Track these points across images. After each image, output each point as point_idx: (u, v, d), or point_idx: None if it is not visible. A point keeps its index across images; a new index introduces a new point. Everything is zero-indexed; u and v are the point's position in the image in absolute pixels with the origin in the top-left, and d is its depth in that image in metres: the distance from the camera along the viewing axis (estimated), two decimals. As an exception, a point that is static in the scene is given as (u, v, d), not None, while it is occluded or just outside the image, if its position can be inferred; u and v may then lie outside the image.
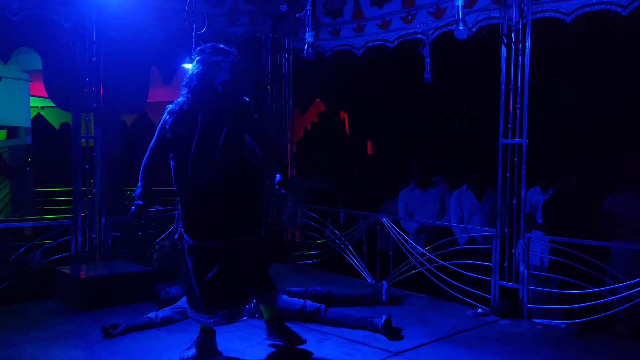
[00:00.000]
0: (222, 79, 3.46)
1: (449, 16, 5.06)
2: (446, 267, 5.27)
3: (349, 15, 6.05)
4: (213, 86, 3.46)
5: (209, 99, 3.46)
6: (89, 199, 5.30)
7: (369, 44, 5.92)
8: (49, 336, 4.07)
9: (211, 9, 6.02)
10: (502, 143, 4.74)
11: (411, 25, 5.51)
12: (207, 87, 3.45)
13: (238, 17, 6.26)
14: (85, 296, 4.71)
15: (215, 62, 3.46)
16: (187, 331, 4.20)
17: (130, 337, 4.04)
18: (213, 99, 3.47)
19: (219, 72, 3.46)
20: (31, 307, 4.83)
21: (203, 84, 3.45)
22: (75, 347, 3.85)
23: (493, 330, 4.32)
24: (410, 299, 5.22)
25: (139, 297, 4.99)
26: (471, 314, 4.68)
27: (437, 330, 4.28)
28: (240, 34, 6.29)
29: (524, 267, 4.61)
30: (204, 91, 3.46)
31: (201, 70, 3.46)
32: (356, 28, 6.02)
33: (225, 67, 3.47)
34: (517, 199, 4.76)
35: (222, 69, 3.47)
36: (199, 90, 3.46)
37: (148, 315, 4.32)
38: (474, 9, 4.93)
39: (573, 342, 4.03)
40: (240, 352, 3.80)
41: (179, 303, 4.56)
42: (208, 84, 3.45)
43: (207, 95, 3.46)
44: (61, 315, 4.61)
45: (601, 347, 3.92)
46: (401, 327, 4.33)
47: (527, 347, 3.94)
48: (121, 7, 5.39)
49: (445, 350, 3.88)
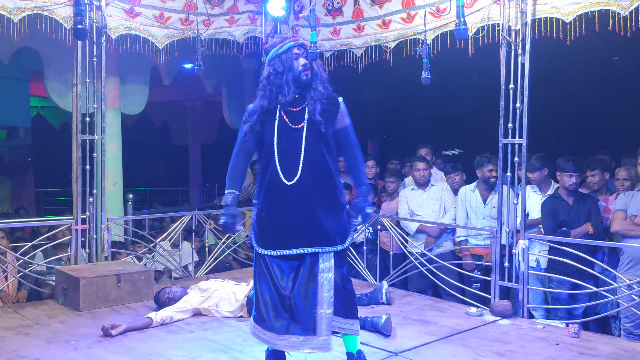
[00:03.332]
0: (304, 66, 3.15)
1: (448, 16, 5.07)
2: (446, 267, 5.27)
3: (349, 15, 6.05)
4: (296, 75, 3.14)
5: (290, 92, 3.14)
6: (88, 199, 5.29)
7: (368, 44, 5.93)
8: (49, 336, 4.07)
9: (211, 9, 6.02)
10: (502, 143, 4.74)
11: (411, 25, 5.51)
12: (288, 78, 3.14)
13: (238, 17, 6.26)
14: (85, 296, 4.71)
15: (290, 49, 3.17)
16: (187, 331, 4.21)
17: (130, 337, 4.04)
18: (295, 90, 3.15)
19: (297, 59, 3.16)
20: (31, 307, 4.84)
21: (283, 75, 3.14)
22: (75, 347, 3.85)
23: (493, 330, 4.32)
24: (410, 299, 5.23)
25: (139, 297, 5.00)
26: (471, 314, 4.67)
27: (437, 330, 4.28)
28: (240, 34, 6.29)
29: (524, 267, 4.61)
30: (287, 82, 3.14)
31: (278, 62, 3.17)
32: (356, 28, 6.02)
33: (303, 54, 3.18)
34: (518, 199, 4.76)
35: (300, 55, 3.17)
36: (279, 83, 3.16)
37: (148, 315, 4.32)
38: (474, 9, 4.94)
39: (573, 342, 4.03)
40: (240, 352, 3.80)
41: (179, 303, 4.56)
42: (291, 75, 3.14)
43: (288, 87, 3.14)
44: (61, 315, 4.61)
45: (601, 347, 3.92)
46: (401, 327, 4.33)
47: (527, 347, 3.93)
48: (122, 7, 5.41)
49: (445, 350, 3.88)
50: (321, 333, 3.05)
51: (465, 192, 5.64)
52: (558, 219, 4.91)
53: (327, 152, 3.17)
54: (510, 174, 4.73)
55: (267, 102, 3.19)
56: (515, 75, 4.63)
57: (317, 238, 3.11)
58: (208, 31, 5.98)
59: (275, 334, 3.08)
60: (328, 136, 3.18)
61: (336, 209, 3.18)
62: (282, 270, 3.14)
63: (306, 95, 3.17)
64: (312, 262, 3.11)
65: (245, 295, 4.53)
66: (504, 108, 4.72)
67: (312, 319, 3.06)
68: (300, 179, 3.08)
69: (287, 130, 3.15)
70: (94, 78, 5.27)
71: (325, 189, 3.14)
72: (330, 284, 3.10)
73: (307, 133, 3.13)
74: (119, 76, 7.29)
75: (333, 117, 3.20)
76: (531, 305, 4.74)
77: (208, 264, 6.27)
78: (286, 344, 3.08)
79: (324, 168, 3.15)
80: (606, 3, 4.21)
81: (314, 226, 3.10)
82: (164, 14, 5.71)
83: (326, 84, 3.24)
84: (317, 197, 3.10)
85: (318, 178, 3.12)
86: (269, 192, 3.17)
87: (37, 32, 4.93)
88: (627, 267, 4.58)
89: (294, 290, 3.09)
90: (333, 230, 3.13)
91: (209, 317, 4.55)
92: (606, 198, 5.15)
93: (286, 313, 3.07)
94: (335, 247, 3.13)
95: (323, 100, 3.17)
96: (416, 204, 5.82)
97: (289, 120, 3.16)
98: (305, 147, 3.12)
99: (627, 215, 4.60)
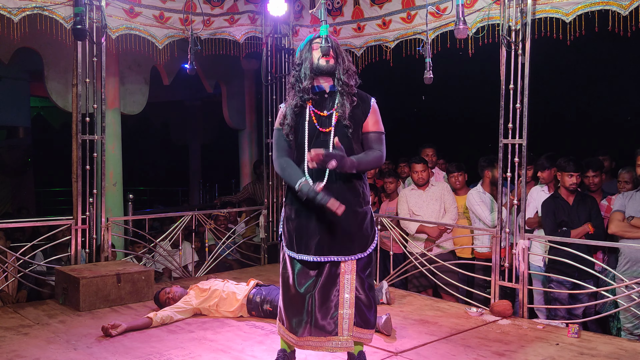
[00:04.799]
0: (321, 51, 3.06)
1: (449, 16, 5.07)
2: (446, 267, 5.27)
3: (349, 15, 6.06)
4: (313, 62, 3.09)
5: (307, 79, 3.10)
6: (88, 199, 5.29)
7: (369, 44, 5.93)
8: (49, 336, 4.07)
9: (211, 9, 6.02)
10: (502, 143, 4.74)
11: (411, 25, 5.52)
12: (306, 66, 3.10)
13: (238, 17, 6.27)
14: (85, 296, 4.71)
15: (310, 42, 3.15)
16: (187, 331, 4.21)
17: (130, 337, 4.04)
18: (318, 79, 3.11)
19: (316, 49, 3.11)
20: (31, 307, 4.84)
21: (302, 66, 3.12)
22: (75, 347, 3.85)
23: (493, 330, 4.32)
24: (410, 299, 5.23)
25: (139, 297, 5.01)
26: (471, 314, 4.67)
27: (437, 330, 4.28)
28: (240, 34, 6.29)
29: (524, 267, 4.61)
30: (304, 71, 3.11)
31: (299, 55, 3.17)
32: (356, 28, 6.03)
33: (320, 42, 3.09)
34: (518, 199, 4.76)
35: (320, 43, 3.09)
36: (297, 75, 3.14)
37: (148, 315, 4.32)
38: (474, 9, 4.94)
39: (573, 342, 4.03)
40: (240, 352, 3.80)
41: (179, 303, 4.56)
42: (307, 63, 3.10)
43: (305, 75, 3.10)
44: (61, 315, 4.61)
45: (601, 347, 3.92)
46: (401, 327, 4.34)
47: (527, 347, 3.93)
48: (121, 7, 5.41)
49: (445, 350, 3.88)
50: (343, 333, 3.06)
51: (479, 194, 5.56)
52: (558, 219, 4.91)
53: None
54: (511, 174, 4.73)
55: (294, 101, 3.15)
56: (515, 75, 4.63)
57: (336, 247, 3.07)
58: (208, 31, 5.98)
59: (296, 335, 3.09)
60: (359, 140, 3.14)
61: (359, 218, 3.11)
62: (304, 271, 3.12)
63: (335, 95, 3.11)
64: (333, 264, 3.09)
65: (245, 296, 4.53)
66: (504, 108, 4.71)
67: (334, 320, 3.06)
68: (325, 185, 3.02)
69: (316, 134, 3.11)
70: (94, 78, 5.27)
71: (349, 198, 3.06)
72: (352, 285, 3.08)
73: (335, 137, 3.05)
74: (119, 76, 7.30)
75: (363, 120, 3.14)
76: (531, 305, 4.74)
77: (208, 264, 6.28)
78: (307, 345, 3.09)
79: (349, 175, 3.06)
80: (606, 3, 4.22)
81: (334, 234, 3.06)
82: (164, 13, 5.71)
83: (354, 76, 3.16)
84: (340, 204, 2.97)
85: (343, 185, 3.07)
86: (296, 194, 3.10)
87: (37, 32, 4.93)
88: (625, 267, 4.59)
89: (314, 290, 3.08)
90: (353, 240, 3.09)
91: (209, 317, 4.55)
92: (609, 198, 5.16)
93: (307, 314, 3.07)
94: (354, 257, 3.10)
95: (353, 98, 3.11)
96: (416, 204, 5.81)
97: (317, 123, 3.11)
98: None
99: (625, 216, 4.61)
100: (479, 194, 5.56)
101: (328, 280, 3.08)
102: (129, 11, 5.49)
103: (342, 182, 3.07)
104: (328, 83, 3.14)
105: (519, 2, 4.60)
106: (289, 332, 3.13)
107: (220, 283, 4.72)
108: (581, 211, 4.89)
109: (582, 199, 4.96)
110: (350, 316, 3.07)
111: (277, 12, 5.98)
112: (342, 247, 3.08)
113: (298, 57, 3.20)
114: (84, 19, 4.94)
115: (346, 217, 3.01)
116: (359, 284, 3.11)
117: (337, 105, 3.10)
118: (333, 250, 3.07)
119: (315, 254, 3.07)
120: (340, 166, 2.90)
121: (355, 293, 3.09)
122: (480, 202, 5.51)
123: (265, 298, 4.46)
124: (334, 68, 3.10)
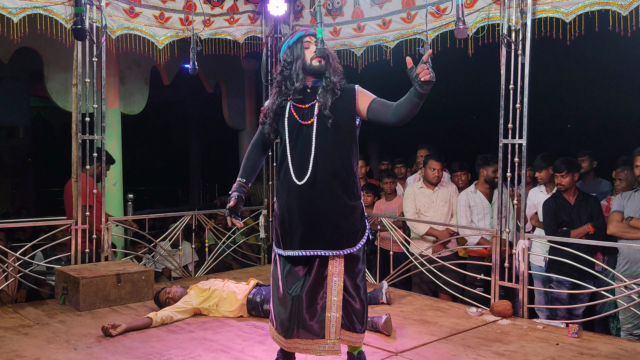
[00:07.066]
0: (315, 52, 3.01)
1: (449, 16, 5.07)
2: (446, 267, 5.27)
3: (349, 15, 6.06)
4: (305, 62, 3.03)
5: (299, 79, 3.04)
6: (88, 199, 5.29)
7: (369, 44, 5.93)
8: (49, 336, 4.07)
9: (211, 9, 6.02)
10: (502, 143, 4.74)
11: (411, 25, 5.51)
12: (297, 66, 3.04)
13: (238, 17, 6.27)
14: (85, 296, 4.71)
15: (300, 39, 3.06)
16: (187, 331, 4.21)
17: (130, 337, 4.04)
18: (305, 77, 3.05)
19: (307, 48, 3.05)
20: (31, 307, 4.84)
21: (293, 65, 3.05)
22: (75, 347, 3.84)
23: (493, 330, 4.32)
24: (410, 298, 5.23)
25: (139, 297, 5.00)
26: (471, 314, 4.67)
27: (437, 330, 4.28)
28: (240, 34, 6.29)
29: (524, 267, 4.61)
30: (296, 71, 3.04)
31: (289, 52, 3.08)
32: (356, 28, 6.03)
33: (312, 40, 3.05)
34: (518, 199, 4.76)
35: (311, 42, 3.05)
36: (288, 73, 3.07)
37: (148, 315, 4.32)
38: (474, 9, 4.94)
39: (573, 342, 4.03)
40: (240, 351, 3.80)
41: (179, 303, 4.56)
42: (299, 62, 3.03)
43: (297, 75, 3.04)
44: (61, 315, 4.61)
45: (601, 347, 3.92)
46: (401, 327, 4.33)
47: (527, 347, 3.93)
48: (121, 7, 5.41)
49: (445, 350, 3.88)
50: (330, 336, 3.01)
51: (467, 195, 5.58)
52: (559, 219, 4.90)
53: (341, 150, 3.02)
54: (511, 173, 4.73)
55: (279, 98, 3.10)
56: (515, 75, 4.63)
57: (322, 241, 3.00)
58: (208, 31, 5.98)
59: (284, 337, 3.05)
60: (345, 132, 3.03)
61: (347, 211, 3.02)
62: (292, 272, 3.08)
63: (318, 89, 3.05)
64: (320, 265, 3.03)
65: (245, 296, 4.53)
66: (504, 108, 4.71)
67: (320, 323, 3.01)
68: (309, 179, 2.96)
69: (298, 127, 3.03)
70: (94, 78, 5.27)
71: (335, 190, 2.99)
72: (339, 287, 3.01)
73: (319, 130, 2.99)
74: (119, 76, 7.30)
75: (350, 109, 3.05)
76: (531, 305, 4.74)
77: (208, 264, 6.28)
78: (295, 347, 3.05)
79: (335, 167, 2.99)
80: (606, 3, 4.21)
81: (320, 229, 2.99)
82: (164, 13, 5.71)
83: (341, 76, 3.11)
84: (326, 198, 2.97)
85: (328, 178, 2.98)
86: (282, 191, 3.07)
87: (37, 32, 4.93)
88: (624, 268, 4.59)
89: (302, 292, 3.02)
90: (340, 234, 3.01)
91: (209, 317, 4.55)
92: (608, 198, 5.15)
93: (295, 316, 3.00)
94: (342, 252, 3.01)
95: (336, 91, 3.03)
96: (424, 204, 5.70)
97: (298, 116, 3.04)
98: (316, 145, 2.98)
99: (624, 216, 4.61)
100: (467, 195, 5.54)
101: (316, 282, 3.01)
102: (129, 11, 5.49)
103: (330, 174, 2.99)
104: (313, 79, 3.09)
105: (519, 2, 4.60)
106: (278, 333, 3.08)
107: (220, 283, 4.72)
108: (582, 211, 4.89)
109: (584, 198, 4.95)
110: (337, 319, 3.00)
111: (277, 12, 5.98)
112: (329, 240, 2.99)
113: (288, 54, 3.10)
114: (84, 19, 4.94)
115: (332, 210, 2.97)
116: (350, 285, 3.05)
117: (318, 96, 3.03)
118: (320, 244, 2.99)
119: (300, 247, 3.01)
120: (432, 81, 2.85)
121: (344, 295, 3.03)
122: (465, 205, 5.50)
123: (265, 298, 4.46)
124: (325, 69, 3.06)
